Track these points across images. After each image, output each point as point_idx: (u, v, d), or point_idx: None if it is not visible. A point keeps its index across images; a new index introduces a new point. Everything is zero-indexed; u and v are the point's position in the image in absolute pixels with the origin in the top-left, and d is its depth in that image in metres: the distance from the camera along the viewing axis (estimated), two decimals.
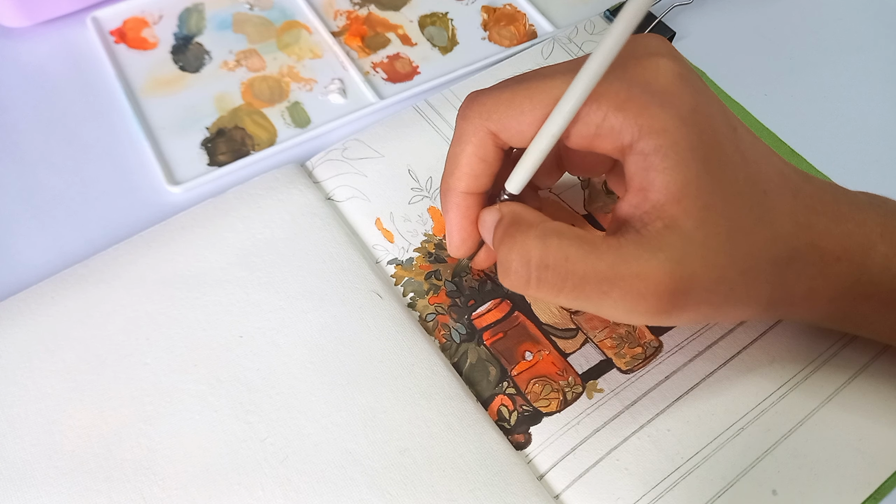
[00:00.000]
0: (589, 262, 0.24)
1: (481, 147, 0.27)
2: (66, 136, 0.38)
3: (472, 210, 0.28)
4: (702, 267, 0.24)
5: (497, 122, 0.26)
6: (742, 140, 0.26)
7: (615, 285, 0.24)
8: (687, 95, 0.24)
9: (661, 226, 0.24)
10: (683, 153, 0.24)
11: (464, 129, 0.27)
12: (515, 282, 0.25)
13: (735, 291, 0.25)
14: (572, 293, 0.25)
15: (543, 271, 0.24)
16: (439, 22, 0.44)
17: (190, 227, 0.34)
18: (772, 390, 0.31)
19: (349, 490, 0.28)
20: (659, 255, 0.23)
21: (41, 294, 0.32)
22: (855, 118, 0.41)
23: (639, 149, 0.24)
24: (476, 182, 0.28)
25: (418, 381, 0.31)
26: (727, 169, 0.25)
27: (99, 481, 0.28)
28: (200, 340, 0.31)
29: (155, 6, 0.43)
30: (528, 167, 0.26)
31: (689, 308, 0.25)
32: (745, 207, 0.25)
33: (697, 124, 0.24)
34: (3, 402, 0.29)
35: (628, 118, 0.24)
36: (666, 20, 0.43)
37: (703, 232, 0.24)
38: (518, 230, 0.25)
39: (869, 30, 0.45)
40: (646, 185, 0.24)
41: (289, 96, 0.40)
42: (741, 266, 0.25)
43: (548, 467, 0.29)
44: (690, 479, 0.29)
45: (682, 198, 0.24)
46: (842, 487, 0.29)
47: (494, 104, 0.26)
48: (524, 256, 0.25)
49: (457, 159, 0.27)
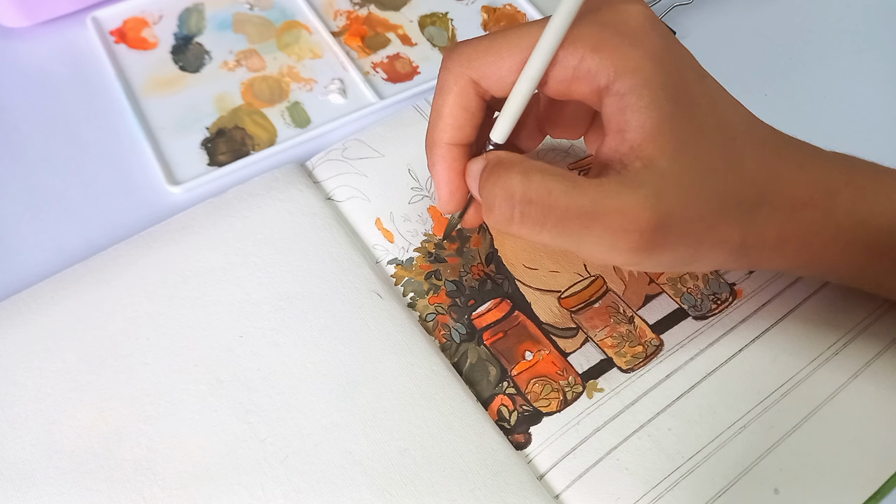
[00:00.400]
0: (572, 196, 0.24)
1: (463, 96, 0.27)
2: (66, 136, 0.38)
3: (458, 162, 0.28)
4: (679, 204, 0.25)
5: (478, 69, 0.27)
6: (711, 87, 0.27)
7: (597, 220, 0.24)
8: (657, 37, 0.26)
9: (639, 165, 0.25)
10: (657, 92, 0.25)
11: (445, 79, 0.27)
12: (499, 218, 0.26)
13: (709, 231, 0.26)
14: (555, 228, 0.25)
15: (527, 206, 0.25)
16: (439, 22, 0.44)
17: (190, 227, 0.34)
18: (773, 388, 0.31)
19: (349, 490, 0.28)
20: (640, 192, 0.24)
21: (41, 294, 0.32)
22: (855, 118, 0.40)
23: (615, 90, 0.25)
24: (460, 133, 0.28)
25: (418, 381, 0.30)
26: (697, 111, 0.25)
27: (99, 481, 0.28)
28: (200, 340, 0.31)
29: (155, 6, 0.43)
30: (512, 112, 0.27)
31: (668, 246, 0.25)
32: (715, 149, 0.26)
33: (667, 65, 0.25)
34: (3, 402, 0.29)
35: (604, 59, 0.25)
36: (666, 20, 0.43)
37: (677, 170, 0.25)
38: (502, 167, 0.26)
39: (869, 30, 0.45)
40: (623, 125, 0.25)
41: (289, 96, 0.40)
42: (713, 206, 0.25)
43: (548, 467, 0.29)
44: (691, 479, 0.29)
45: (657, 136, 0.25)
46: (844, 486, 0.29)
47: (474, 52, 0.27)
48: (507, 192, 0.25)
49: (440, 111, 0.28)
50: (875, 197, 0.28)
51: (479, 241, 0.35)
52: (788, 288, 0.34)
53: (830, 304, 0.33)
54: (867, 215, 0.28)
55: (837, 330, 0.33)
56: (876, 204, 0.28)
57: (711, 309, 0.33)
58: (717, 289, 0.34)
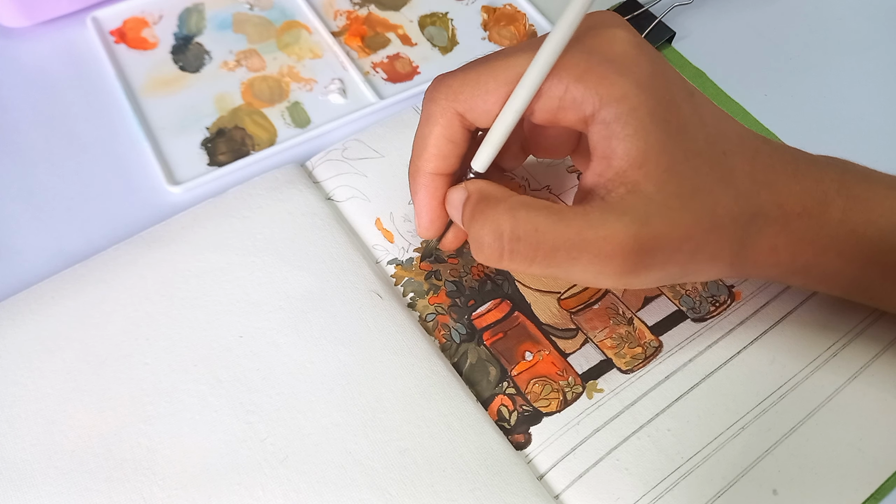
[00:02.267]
0: (558, 230, 0.25)
1: (449, 128, 0.27)
2: (66, 136, 0.38)
3: (440, 191, 0.29)
4: (666, 227, 0.25)
5: (464, 102, 0.27)
6: (700, 104, 0.27)
7: (584, 250, 0.25)
8: (644, 62, 0.25)
9: (624, 191, 0.25)
10: (643, 119, 0.25)
11: (431, 110, 0.28)
12: (489, 256, 0.26)
13: (700, 250, 0.26)
14: (544, 261, 0.25)
15: (515, 243, 0.25)
16: (439, 22, 0.44)
17: (190, 227, 0.34)
18: (772, 390, 0.31)
19: (349, 490, 0.28)
20: (623, 219, 0.24)
21: (41, 294, 0.32)
22: (855, 118, 0.40)
23: (600, 118, 0.25)
24: (444, 163, 0.28)
25: (418, 381, 0.30)
26: (687, 131, 0.26)
27: (99, 481, 0.28)
28: (200, 340, 0.31)
29: (155, 6, 0.43)
30: (494, 143, 0.27)
31: (656, 267, 0.26)
32: (706, 168, 0.26)
33: (656, 89, 0.25)
34: (3, 402, 0.29)
35: (589, 88, 0.25)
36: (666, 20, 0.43)
37: (665, 193, 0.25)
38: (487, 205, 0.26)
39: (869, 30, 0.45)
40: (608, 153, 0.25)
41: (289, 96, 0.40)
42: (704, 225, 0.26)
43: (548, 467, 0.29)
44: (691, 479, 0.29)
45: (643, 162, 0.25)
46: (842, 487, 0.29)
47: (461, 85, 0.27)
48: (496, 231, 0.25)
49: (425, 141, 0.28)
50: (867, 205, 0.28)
51: None
52: (787, 290, 0.34)
53: (829, 306, 0.33)
54: (859, 224, 0.28)
55: (835, 332, 0.33)
56: (868, 212, 0.28)
57: (710, 311, 0.33)
58: (716, 291, 0.34)
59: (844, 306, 0.33)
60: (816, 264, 0.28)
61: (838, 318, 0.33)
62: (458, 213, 0.28)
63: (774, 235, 0.27)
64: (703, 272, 0.27)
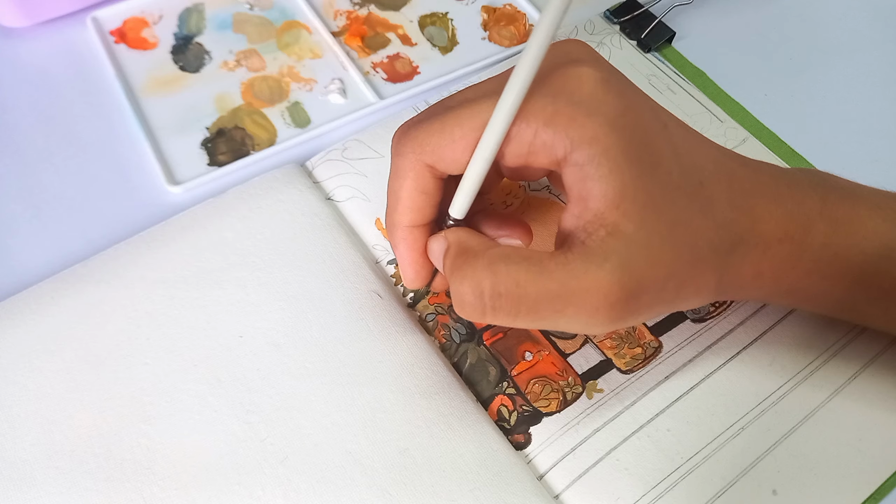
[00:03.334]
0: (540, 283, 0.24)
1: (419, 180, 0.27)
2: (66, 136, 0.38)
3: (419, 242, 0.28)
4: (649, 268, 0.24)
5: (431, 153, 0.26)
6: (673, 135, 0.26)
7: (568, 302, 0.24)
8: (613, 100, 0.25)
9: (604, 234, 0.24)
10: (616, 159, 0.24)
11: (399, 165, 0.27)
12: (471, 313, 0.25)
13: (684, 285, 0.26)
14: (528, 316, 0.25)
15: (497, 300, 0.25)
16: (439, 22, 0.44)
17: (190, 227, 0.34)
18: (772, 390, 0.31)
19: (349, 490, 0.28)
20: (605, 266, 0.24)
21: (41, 294, 0.32)
22: (855, 118, 0.41)
23: (573, 160, 0.24)
24: (419, 214, 0.28)
25: (418, 381, 0.31)
26: (661, 165, 0.25)
27: (99, 481, 0.28)
28: (200, 340, 0.31)
29: (155, 6, 0.43)
30: (468, 192, 0.27)
31: (643, 310, 0.25)
32: (684, 200, 0.25)
33: (627, 127, 0.24)
34: (3, 402, 0.29)
35: (558, 132, 0.24)
36: (666, 20, 0.43)
37: (644, 232, 0.24)
38: (466, 261, 0.25)
39: (869, 30, 0.45)
40: (584, 194, 0.24)
41: (289, 96, 0.40)
42: (686, 258, 0.25)
43: (548, 467, 0.29)
44: (690, 479, 0.29)
45: (620, 202, 0.24)
46: (842, 487, 0.29)
47: (426, 136, 0.26)
48: (476, 288, 0.25)
49: (397, 195, 0.27)
50: (850, 228, 0.27)
51: None
52: None
53: None
54: (842, 248, 0.27)
55: (836, 332, 0.33)
56: (851, 235, 0.27)
57: (710, 312, 0.33)
58: None
59: None
60: (801, 287, 0.28)
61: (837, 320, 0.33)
62: (440, 262, 0.27)
63: (757, 261, 0.27)
64: (689, 303, 0.27)
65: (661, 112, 0.26)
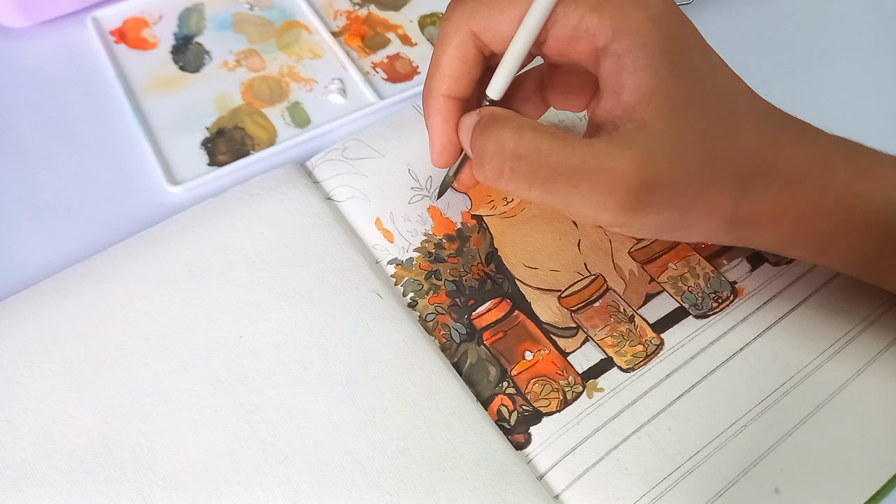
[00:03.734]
0: (561, 154, 0.25)
1: (462, 48, 0.27)
2: (66, 136, 0.38)
3: (452, 114, 0.29)
4: (669, 166, 0.25)
5: (479, 21, 0.27)
6: (712, 56, 0.27)
7: (585, 178, 0.25)
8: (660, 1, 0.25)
9: (631, 127, 0.25)
10: (653, 55, 0.25)
11: (446, 29, 0.28)
12: (490, 172, 0.26)
13: (699, 198, 0.26)
14: (543, 185, 0.25)
15: (517, 162, 0.25)
16: (439, 22, 0.44)
17: (190, 227, 0.34)
18: (775, 387, 0.31)
19: (349, 490, 0.28)
20: (628, 152, 0.24)
21: (41, 294, 0.32)
22: (855, 118, 0.40)
23: (612, 50, 0.25)
24: (457, 85, 0.28)
25: (418, 381, 0.30)
26: (696, 76, 0.25)
27: (99, 481, 0.28)
28: (200, 340, 0.31)
29: (155, 6, 0.43)
30: (508, 66, 0.27)
31: (655, 208, 0.25)
32: (712, 116, 0.26)
33: (669, 28, 0.25)
34: (3, 402, 0.29)
35: (603, 18, 0.25)
36: None
37: (671, 133, 0.25)
38: (494, 122, 0.26)
39: (869, 30, 0.45)
40: (618, 87, 0.25)
41: (289, 96, 0.40)
42: (706, 172, 0.25)
43: (548, 467, 0.29)
44: (691, 479, 0.29)
45: (651, 98, 0.24)
46: (845, 486, 0.29)
47: (476, 4, 0.27)
48: (499, 146, 0.25)
49: (438, 61, 0.28)
50: (873, 176, 0.28)
51: (478, 240, 0.35)
52: (790, 287, 0.34)
53: (831, 303, 0.33)
54: (864, 193, 0.28)
55: (838, 329, 0.33)
56: (874, 183, 0.28)
57: (712, 308, 0.33)
58: (718, 287, 0.34)
59: (847, 304, 0.33)
60: (819, 233, 0.28)
61: (841, 316, 0.33)
62: (468, 140, 0.27)
63: (775, 197, 0.27)
64: (699, 226, 0.27)
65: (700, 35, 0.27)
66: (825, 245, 0.29)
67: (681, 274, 0.34)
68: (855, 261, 0.30)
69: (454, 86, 0.28)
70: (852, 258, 0.30)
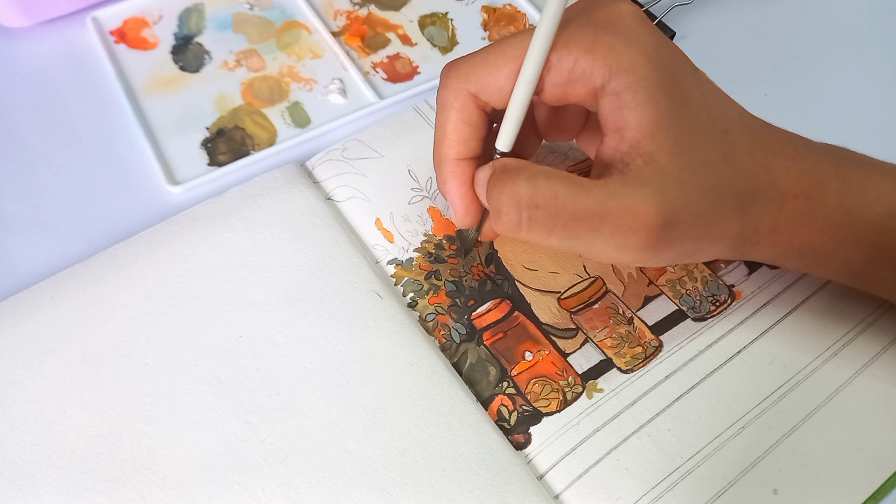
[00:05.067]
0: (578, 199, 0.25)
1: (464, 111, 0.28)
2: (66, 136, 0.38)
3: (467, 174, 0.29)
4: (682, 201, 0.25)
5: (476, 82, 0.27)
6: (702, 82, 0.27)
7: (605, 221, 0.25)
8: (650, 35, 0.26)
9: (641, 163, 0.25)
10: (652, 88, 0.25)
11: (445, 97, 0.28)
12: (507, 224, 0.26)
13: (712, 225, 0.26)
14: (563, 231, 0.25)
15: (534, 211, 0.25)
16: (439, 22, 0.44)
17: (190, 227, 0.34)
18: (772, 389, 0.31)
19: (349, 490, 0.28)
20: (644, 190, 0.24)
21: (41, 294, 0.32)
22: (855, 118, 0.40)
23: (610, 89, 0.25)
24: (466, 147, 0.28)
25: (418, 381, 0.30)
26: (691, 106, 0.26)
27: (99, 481, 0.28)
28: (200, 340, 0.31)
29: (155, 6, 0.43)
30: (513, 119, 0.27)
31: (675, 242, 0.26)
32: (710, 144, 0.26)
33: (661, 61, 0.25)
34: (3, 402, 0.29)
35: (598, 59, 0.25)
36: (666, 20, 0.43)
37: (677, 165, 0.25)
38: (507, 174, 0.26)
39: (869, 30, 0.45)
40: (621, 124, 0.25)
41: (289, 96, 0.40)
42: (711, 201, 0.26)
43: (548, 467, 0.29)
44: (691, 479, 0.29)
45: (655, 132, 0.25)
46: (843, 487, 0.29)
47: (470, 67, 0.27)
48: (514, 198, 0.25)
49: (444, 128, 0.28)
50: (863, 189, 0.28)
51: (478, 242, 0.35)
52: (787, 290, 0.34)
53: (829, 306, 0.33)
54: (854, 206, 0.28)
55: (836, 331, 0.33)
56: (862, 197, 0.28)
57: (710, 310, 0.33)
58: (716, 290, 0.34)
59: (844, 306, 0.33)
60: (813, 246, 0.29)
61: (838, 318, 0.33)
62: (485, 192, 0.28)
63: (774, 215, 0.27)
64: (710, 250, 0.27)
65: (689, 61, 0.27)
66: (819, 258, 0.29)
67: (679, 277, 0.34)
68: (848, 272, 0.30)
69: (463, 148, 0.28)
70: (845, 270, 0.30)
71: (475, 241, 0.32)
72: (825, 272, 0.31)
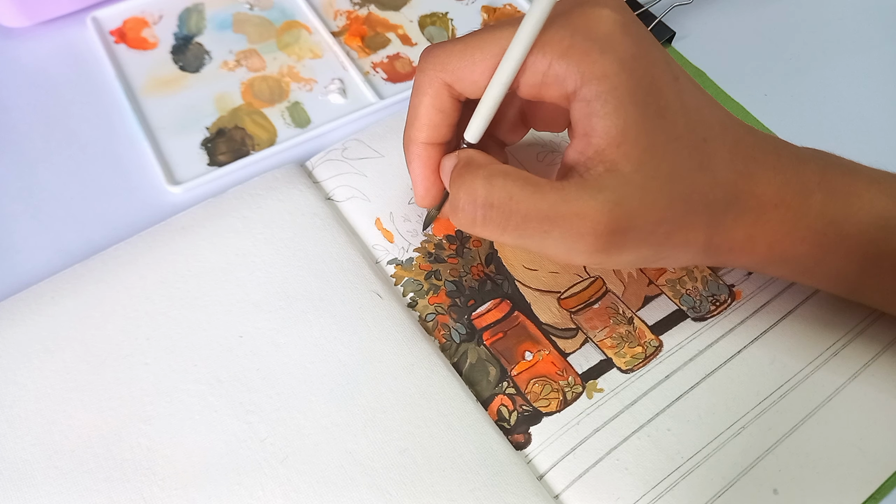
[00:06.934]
0: (532, 201, 0.25)
1: (438, 98, 0.28)
2: (66, 136, 0.38)
3: (433, 160, 0.29)
4: (641, 208, 0.25)
5: (451, 72, 0.27)
6: (684, 89, 0.27)
7: (556, 224, 0.25)
8: (628, 43, 0.25)
9: (602, 170, 0.25)
10: (623, 98, 0.25)
11: (420, 81, 0.28)
12: (463, 220, 0.26)
13: (674, 233, 0.26)
14: (515, 231, 0.26)
15: (489, 210, 0.26)
16: (439, 22, 0.44)
17: (190, 227, 0.34)
18: (773, 389, 0.31)
19: (349, 490, 0.28)
20: (598, 197, 0.25)
21: (41, 294, 0.32)
22: (855, 118, 0.40)
23: (581, 95, 0.25)
24: (435, 132, 0.29)
25: (418, 381, 0.30)
26: (667, 115, 0.26)
27: (99, 481, 0.28)
28: (200, 340, 0.31)
29: (155, 6, 0.43)
30: (484, 115, 0.27)
31: (629, 248, 0.26)
32: (685, 152, 0.26)
33: (637, 70, 0.25)
34: (3, 402, 0.29)
35: (571, 65, 0.25)
36: (666, 20, 0.43)
37: (642, 175, 0.25)
38: (468, 170, 0.26)
39: (869, 30, 0.45)
40: (588, 130, 0.25)
41: (289, 96, 0.40)
42: (678, 209, 0.26)
43: (548, 467, 0.29)
44: (691, 479, 0.29)
45: (622, 142, 0.25)
46: (843, 486, 0.29)
47: (448, 56, 0.27)
48: (471, 195, 0.26)
49: (416, 111, 0.28)
50: (847, 199, 0.28)
51: (478, 241, 0.35)
52: (787, 290, 0.34)
53: (829, 305, 0.33)
54: (838, 217, 0.28)
55: (836, 331, 0.33)
56: (848, 205, 0.28)
57: (710, 310, 0.33)
58: (716, 290, 0.34)
59: (845, 306, 0.33)
60: (795, 255, 0.28)
61: (839, 318, 0.33)
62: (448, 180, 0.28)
63: (749, 225, 0.27)
64: (676, 256, 0.27)
65: (674, 66, 0.27)
66: (803, 267, 0.29)
67: (679, 277, 0.34)
68: (834, 281, 0.30)
69: (433, 133, 0.29)
70: (831, 279, 0.30)
71: (434, 217, 0.32)
72: (811, 281, 0.31)
